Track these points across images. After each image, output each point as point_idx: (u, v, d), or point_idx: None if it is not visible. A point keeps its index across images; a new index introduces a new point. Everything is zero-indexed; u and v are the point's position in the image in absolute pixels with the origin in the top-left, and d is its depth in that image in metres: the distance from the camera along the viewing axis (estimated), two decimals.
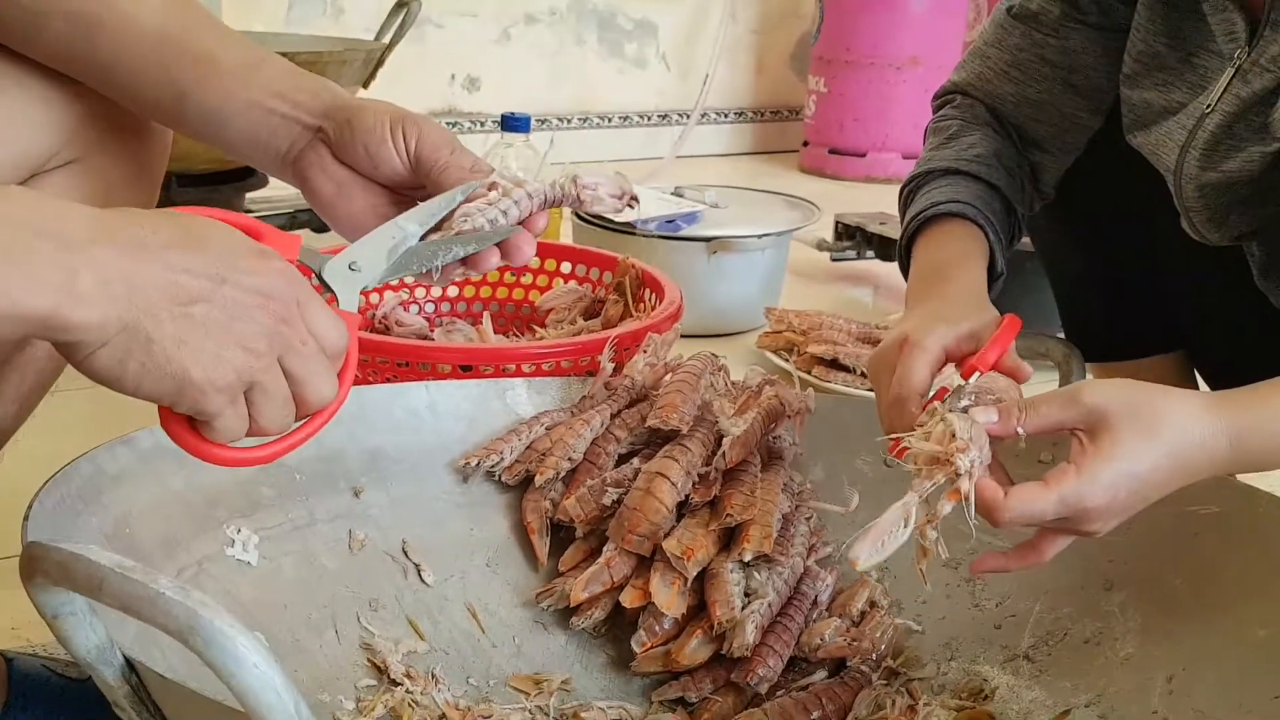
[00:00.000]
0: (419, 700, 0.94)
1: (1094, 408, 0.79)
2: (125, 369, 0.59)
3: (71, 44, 0.79)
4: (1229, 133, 1.01)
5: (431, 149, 0.80)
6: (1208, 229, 1.08)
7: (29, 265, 0.54)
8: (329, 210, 0.82)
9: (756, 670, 0.95)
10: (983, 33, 1.19)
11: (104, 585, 0.53)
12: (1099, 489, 0.77)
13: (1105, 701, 0.93)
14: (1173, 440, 0.78)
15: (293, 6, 3.01)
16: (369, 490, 1.05)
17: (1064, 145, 1.17)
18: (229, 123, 0.79)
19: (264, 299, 0.63)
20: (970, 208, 1.06)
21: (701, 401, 1.10)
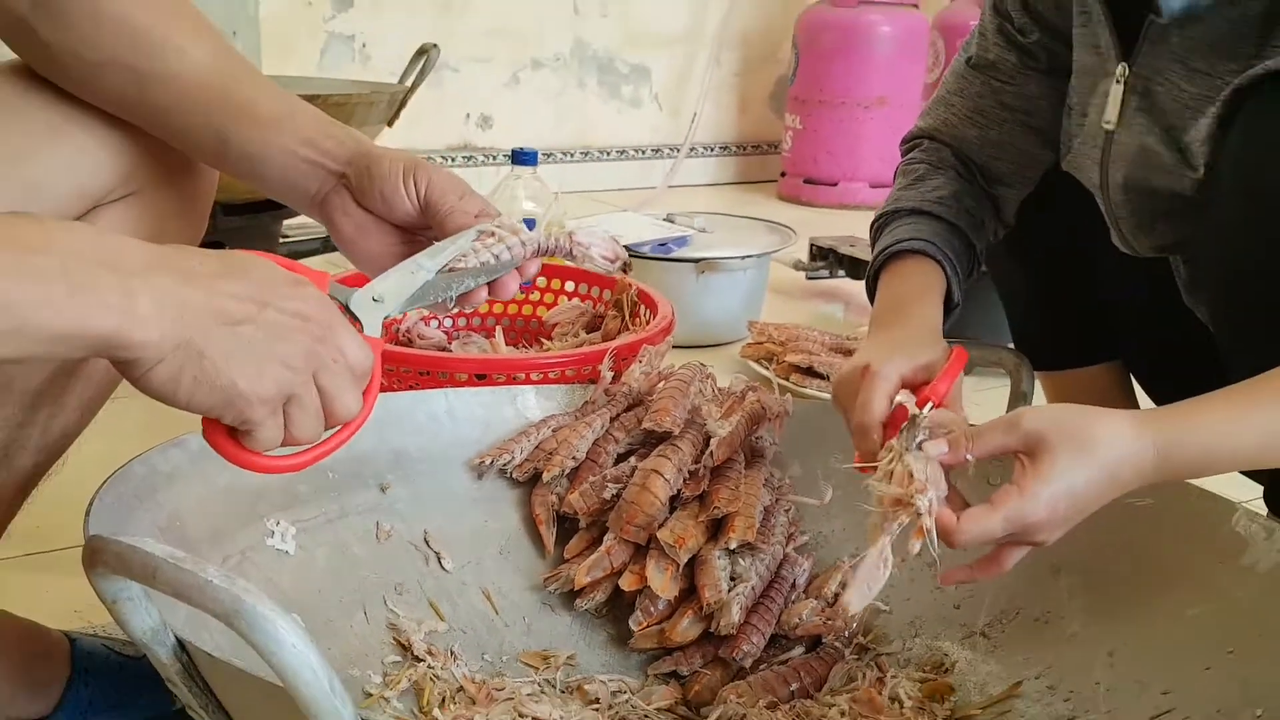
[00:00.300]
0: (439, 675, 0.94)
1: (1032, 432, 0.79)
2: (179, 384, 0.59)
3: (126, 92, 0.79)
4: (1140, 145, 1.00)
5: (439, 195, 0.80)
6: (1135, 236, 1.07)
7: (94, 291, 0.54)
8: (349, 247, 0.82)
9: (741, 646, 0.95)
10: (945, 82, 1.19)
11: (158, 574, 0.52)
12: (1040, 506, 0.77)
13: (1054, 673, 0.93)
14: (1104, 457, 0.78)
15: (325, 53, 3.01)
16: (394, 486, 1.04)
17: (1024, 179, 1.17)
18: (265, 166, 0.80)
19: (302, 321, 0.63)
20: (931, 245, 1.06)
21: (691, 406, 1.09)
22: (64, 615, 1.08)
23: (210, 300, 0.59)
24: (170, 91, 0.78)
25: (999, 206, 1.17)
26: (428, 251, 0.78)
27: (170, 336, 0.57)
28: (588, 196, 3.30)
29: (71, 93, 0.79)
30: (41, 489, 0.89)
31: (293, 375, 0.63)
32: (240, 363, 0.60)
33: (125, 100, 0.79)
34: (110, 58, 0.77)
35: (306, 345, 0.63)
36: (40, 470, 0.86)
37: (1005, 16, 1.12)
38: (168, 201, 0.85)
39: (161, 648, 0.62)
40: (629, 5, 3.44)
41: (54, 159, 0.79)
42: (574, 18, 3.37)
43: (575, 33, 3.39)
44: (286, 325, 0.62)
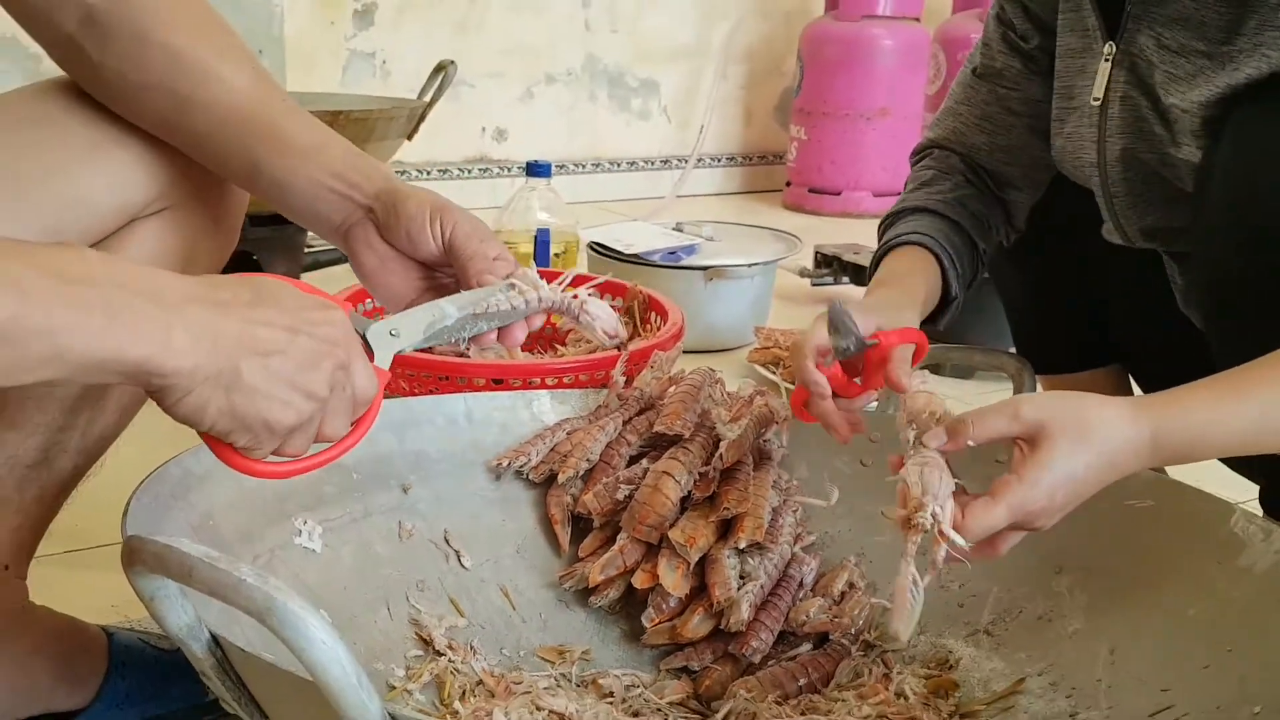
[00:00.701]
0: (460, 668, 0.94)
1: (1032, 421, 0.79)
2: (205, 412, 0.60)
3: (167, 115, 0.80)
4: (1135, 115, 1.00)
5: (464, 239, 0.80)
6: (1128, 219, 1.07)
7: (132, 322, 0.55)
8: (370, 279, 0.83)
9: (750, 643, 0.95)
10: (952, 93, 1.20)
11: (194, 572, 0.53)
12: (1040, 493, 0.77)
13: (1056, 671, 0.93)
14: (1101, 444, 0.78)
15: (346, 70, 3.02)
16: (416, 487, 1.05)
17: (1034, 182, 1.17)
18: (293, 195, 0.80)
19: (331, 346, 0.64)
20: (928, 238, 1.06)
21: (701, 410, 1.09)
22: (102, 610, 1.09)
23: (244, 330, 0.60)
24: (209, 117, 0.78)
25: (1010, 211, 1.17)
26: (453, 298, 0.79)
27: (203, 367, 0.58)
28: (599, 206, 3.30)
29: (114, 111, 0.80)
30: (80, 489, 0.89)
31: (314, 405, 0.64)
32: (266, 397, 0.61)
33: (165, 122, 0.80)
34: (154, 81, 0.78)
35: (330, 371, 0.64)
36: (79, 472, 0.87)
37: (1008, 25, 1.13)
38: (200, 217, 0.85)
39: (197, 643, 0.62)
40: (638, 21, 3.45)
41: (93, 176, 0.79)
42: (585, 34, 3.38)
43: (586, 48, 3.39)
44: (316, 351, 0.63)
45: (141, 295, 0.56)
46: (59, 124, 0.79)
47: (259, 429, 0.62)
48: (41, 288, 0.52)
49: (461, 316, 0.79)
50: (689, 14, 3.53)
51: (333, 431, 0.67)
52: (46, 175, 0.78)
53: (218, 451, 0.65)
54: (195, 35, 0.78)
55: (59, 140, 0.79)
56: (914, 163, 1.21)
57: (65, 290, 0.53)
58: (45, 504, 0.86)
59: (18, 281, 0.52)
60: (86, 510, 0.96)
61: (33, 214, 0.78)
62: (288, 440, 0.65)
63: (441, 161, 3.20)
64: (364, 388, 0.68)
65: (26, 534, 0.86)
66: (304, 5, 2.92)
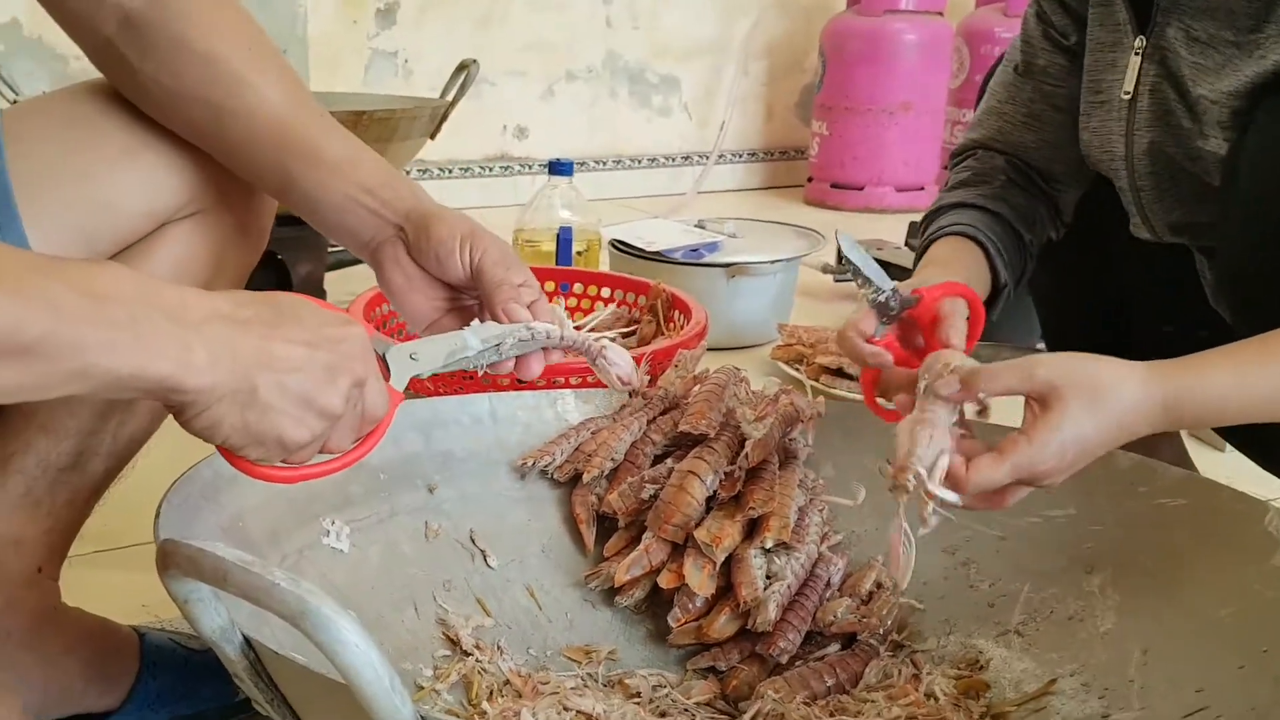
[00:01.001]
0: (486, 668, 0.94)
1: (1044, 380, 0.79)
2: (220, 428, 0.61)
3: (202, 124, 0.80)
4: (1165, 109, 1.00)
5: (491, 266, 0.80)
6: (1154, 213, 1.06)
7: (156, 340, 0.56)
8: (396, 297, 0.83)
9: (778, 643, 0.95)
10: (993, 93, 1.18)
11: (228, 576, 0.53)
12: (1048, 454, 0.78)
13: (1087, 671, 0.92)
14: (1114, 407, 0.78)
15: (369, 69, 3.02)
16: (441, 487, 1.05)
17: (1082, 177, 1.16)
18: (324, 209, 0.80)
19: (348, 362, 0.65)
20: (970, 227, 1.06)
21: (726, 409, 1.09)
22: (132, 610, 1.09)
23: (262, 347, 0.61)
24: (244, 127, 0.79)
25: (1058, 206, 1.17)
26: (475, 329, 0.79)
27: (220, 385, 0.59)
28: (620, 203, 3.30)
29: (148, 116, 0.81)
30: (111, 491, 0.90)
31: (327, 423, 0.65)
32: (280, 414, 0.62)
33: (200, 130, 0.80)
34: (189, 89, 0.78)
35: (346, 389, 0.65)
36: (111, 475, 0.88)
37: (1048, 22, 1.13)
38: (230, 221, 0.86)
39: (230, 645, 0.62)
40: (659, 18, 3.44)
41: (125, 180, 0.80)
42: (606, 31, 3.38)
43: (607, 45, 3.39)
44: (333, 368, 0.64)
45: (165, 313, 0.57)
46: (93, 127, 0.80)
47: (271, 445, 0.63)
48: (72, 305, 0.53)
49: (483, 349, 0.80)
50: (710, 10, 3.52)
51: (337, 445, 0.68)
52: (80, 179, 0.79)
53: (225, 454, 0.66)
54: (233, 45, 0.79)
55: (93, 144, 0.79)
56: (954, 165, 1.20)
57: (95, 308, 0.54)
58: (77, 507, 0.87)
59: (51, 299, 0.52)
60: (117, 511, 0.96)
61: (67, 217, 0.78)
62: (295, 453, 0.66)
63: (463, 159, 3.20)
64: (375, 405, 0.69)
65: (58, 536, 0.87)
66: (327, 5, 2.93)
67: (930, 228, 1.11)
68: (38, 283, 0.52)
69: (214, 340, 0.58)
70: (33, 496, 0.84)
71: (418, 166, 3.07)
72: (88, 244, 0.80)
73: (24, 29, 2.59)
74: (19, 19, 2.57)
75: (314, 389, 0.63)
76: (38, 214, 0.78)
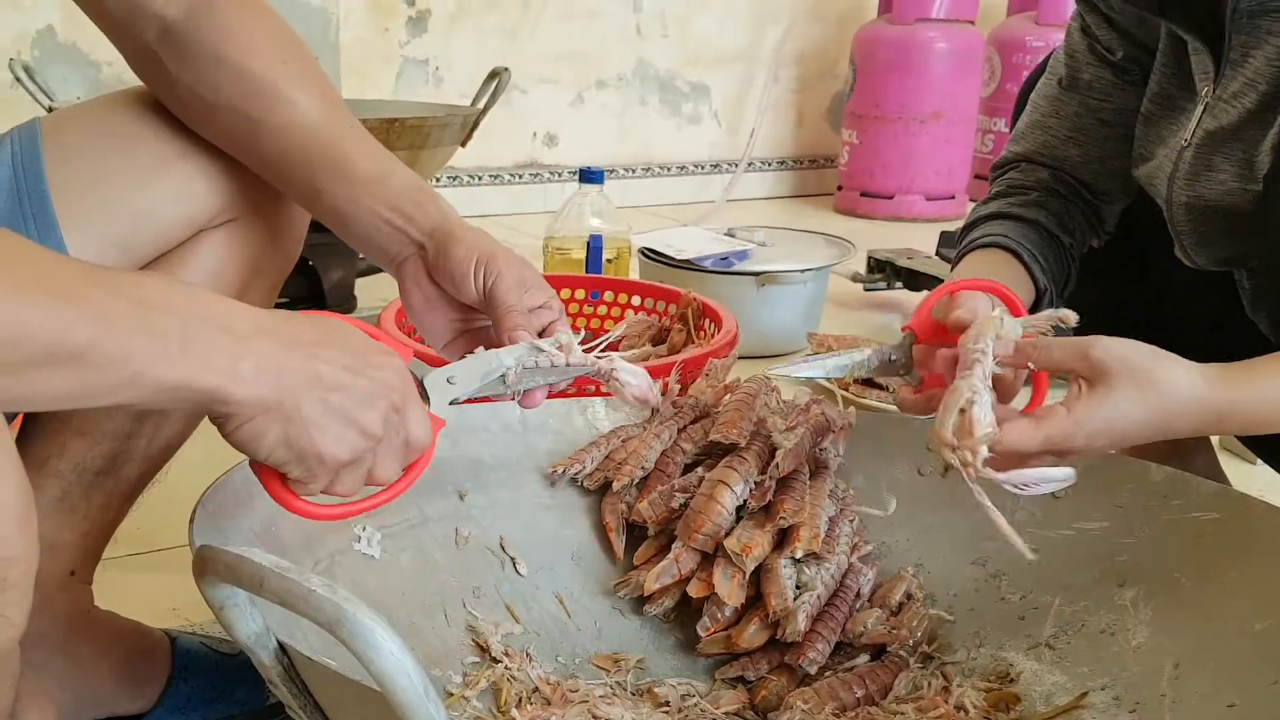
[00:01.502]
0: (516, 675, 0.94)
1: (1098, 361, 0.79)
2: (263, 441, 0.62)
3: (237, 136, 0.81)
4: (1206, 164, 0.99)
5: (504, 291, 0.80)
6: (1196, 252, 1.06)
7: (204, 351, 0.57)
8: (415, 315, 0.83)
9: (807, 654, 0.95)
10: (1036, 107, 1.17)
11: (265, 583, 0.53)
12: (1083, 434, 0.77)
13: (1119, 685, 0.92)
14: (1160, 404, 0.78)
15: (400, 76, 3.05)
16: (472, 494, 1.05)
17: (1128, 188, 1.15)
18: (351, 223, 0.81)
19: (388, 390, 0.66)
20: (1005, 238, 1.06)
21: (757, 418, 1.09)
22: (163, 613, 1.10)
23: (307, 365, 0.62)
24: (277, 141, 0.80)
25: (1102, 217, 1.16)
26: (511, 350, 0.79)
27: (266, 398, 0.60)
28: (650, 211, 3.30)
29: (184, 124, 0.82)
30: (144, 495, 0.91)
31: (368, 442, 0.65)
32: (323, 429, 0.63)
33: (234, 141, 0.81)
34: (225, 101, 0.79)
35: (386, 413, 0.66)
36: (145, 479, 0.89)
37: (1093, 37, 1.12)
38: (265, 229, 0.87)
39: (264, 651, 0.63)
40: (689, 26, 3.45)
41: (162, 189, 0.81)
42: (636, 39, 3.38)
43: (637, 53, 3.40)
44: (374, 393, 0.65)
45: (214, 325, 0.58)
46: (129, 136, 0.81)
47: (312, 461, 0.64)
48: (122, 314, 0.54)
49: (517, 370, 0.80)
50: (740, 18, 3.52)
51: (385, 475, 0.68)
52: (118, 187, 0.80)
53: (269, 487, 0.67)
54: (270, 59, 0.80)
55: (129, 152, 0.81)
56: (995, 177, 1.19)
57: (147, 318, 0.55)
58: (111, 511, 0.88)
59: (101, 307, 0.53)
60: (149, 514, 0.97)
61: (104, 224, 0.80)
62: (339, 478, 0.66)
63: (493, 167, 3.22)
64: (418, 435, 0.69)
65: (93, 540, 0.88)
66: (359, 13, 2.96)
67: (964, 241, 1.10)
68: (88, 291, 0.53)
69: (260, 354, 0.59)
70: (68, 501, 0.85)
71: (448, 173, 3.09)
72: (125, 251, 0.81)
73: (59, 35, 2.62)
74: (54, 25, 2.61)
75: (355, 408, 0.64)
76: (76, 221, 0.79)
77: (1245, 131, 0.95)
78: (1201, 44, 0.98)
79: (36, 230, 0.78)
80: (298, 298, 2.00)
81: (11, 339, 0.50)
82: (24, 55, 2.56)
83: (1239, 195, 0.97)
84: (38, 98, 2.03)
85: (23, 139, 0.81)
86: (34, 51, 2.60)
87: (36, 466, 0.84)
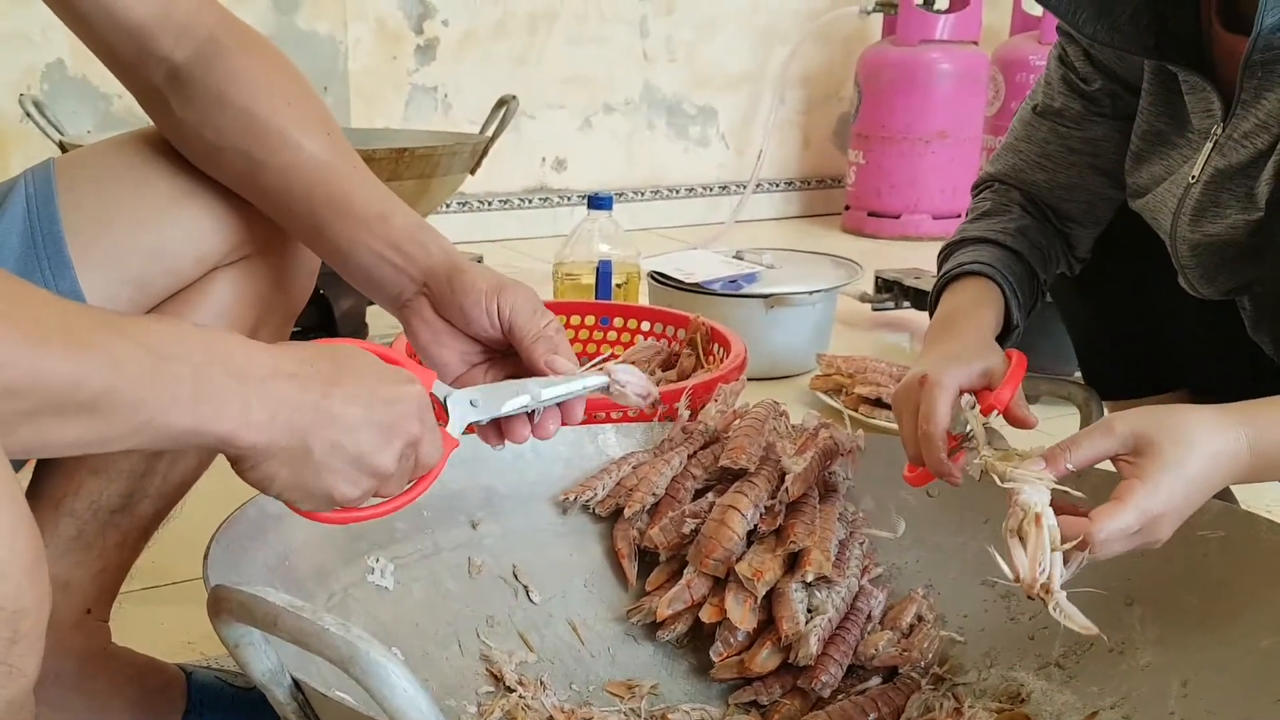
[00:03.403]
0: (530, 704, 0.95)
1: (1130, 433, 0.79)
2: (274, 482, 0.63)
3: (241, 176, 0.82)
4: (1214, 200, 1.00)
5: (524, 319, 0.80)
6: (1201, 284, 1.07)
7: (216, 398, 0.58)
8: (423, 352, 0.83)
9: (820, 677, 0.95)
10: (1012, 129, 1.19)
11: (278, 621, 0.54)
12: (1163, 494, 0.77)
13: (1128, 704, 0.92)
14: (1206, 448, 0.78)
15: (409, 104, 3.07)
16: (484, 523, 1.06)
17: (1094, 218, 1.17)
18: (352, 261, 0.81)
19: (404, 423, 0.66)
20: (990, 267, 1.06)
21: (766, 443, 1.09)
22: (178, 646, 1.11)
23: (320, 406, 0.62)
24: (280, 180, 0.81)
25: (1071, 244, 1.17)
26: (540, 381, 0.79)
27: (278, 442, 0.61)
28: (658, 234, 3.31)
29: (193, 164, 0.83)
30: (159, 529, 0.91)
31: (378, 482, 0.66)
32: (335, 473, 0.64)
33: (239, 180, 0.82)
34: (229, 143, 0.80)
35: (400, 449, 0.67)
36: (160, 516, 0.89)
37: (1069, 66, 1.13)
38: (277, 266, 0.88)
39: (279, 688, 0.63)
40: (695, 50, 3.47)
41: (174, 228, 0.82)
42: (643, 63, 3.40)
43: (645, 77, 3.42)
44: (390, 430, 0.65)
45: (227, 370, 0.58)
46: (141, 177, 0.82)
47: (321, 500, 0.65)
48: (134, 362, 0.54)
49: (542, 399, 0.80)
50: (746, 41, 3.54)
51: (388, 493, 0.70)
52: (131, 227, 0.81)
53: None
54: (274, 100, 0.81)
55: (141, 193, 0.82)
56: (974, 195, 1.21)
57: (159, 366, 0.55)
58: (127, 548, 0.88)
59: (113, 356, 0.54)
60: (164, 548, 0.98)
61: (119, 264, 0.81)
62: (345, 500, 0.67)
63: (502, 192, 3.23)
64: (428, 460, 0.70)
65: (108, 578, 0.88)
66: (368, 41, 2.98)
67: (950, 261, 1.10)
68: (100, 339, 0.54)
69: (273, 400, 0.60)
70: (83, 539, 0.86)
71: (458, 199, 3.10)
72: (139, 290, 0.82)
73: (69, 68, 2.65)
74: (64, 59, 2.64)
75: (368, 449, 0.64)
76: (90, 262, 0.80)
77: (1255, 169, 0.96)
78: (1209, 84, 0.98)
79: (51, 271, 0.79)
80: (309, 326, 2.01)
81: (24, 388, 0.50)
82: (34, 89, 2.59)
83: (1242, 227, 0.98)
84: (48, 132, 2.05)
85: (37, 180, 0.82)
86: (44, 85, 2.63)
87: (52, 505, 0.85)
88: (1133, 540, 0.78)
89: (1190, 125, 1.03)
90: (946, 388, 0.89)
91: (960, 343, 0.98)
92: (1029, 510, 0.78)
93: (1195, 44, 0.99)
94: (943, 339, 1.00)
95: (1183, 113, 1.04)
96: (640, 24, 3.35)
